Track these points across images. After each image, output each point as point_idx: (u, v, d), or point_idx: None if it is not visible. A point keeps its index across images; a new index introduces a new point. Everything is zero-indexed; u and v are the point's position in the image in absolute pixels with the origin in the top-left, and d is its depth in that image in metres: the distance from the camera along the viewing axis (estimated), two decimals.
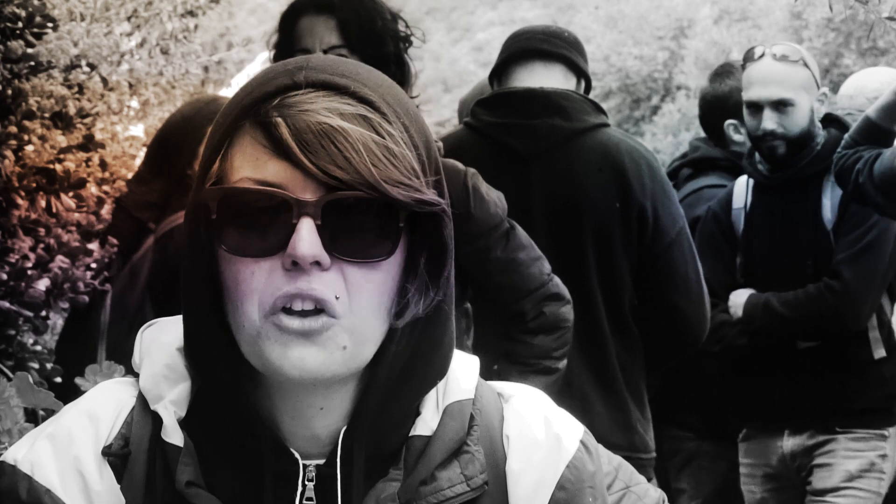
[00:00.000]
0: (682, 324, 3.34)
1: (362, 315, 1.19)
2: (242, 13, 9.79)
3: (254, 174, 1.18)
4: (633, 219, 3.25)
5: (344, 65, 1.24)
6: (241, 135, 1.20)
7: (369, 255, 1.19)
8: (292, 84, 1.20)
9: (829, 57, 12.87)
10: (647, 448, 3.29)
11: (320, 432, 1.24)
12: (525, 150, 3.29)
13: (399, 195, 1.17)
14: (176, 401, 1.26)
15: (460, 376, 1.31)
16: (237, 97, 1.23)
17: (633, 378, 3.30)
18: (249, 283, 1.18)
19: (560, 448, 1.30)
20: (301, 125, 1.16)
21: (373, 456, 1.24)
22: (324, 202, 1.16)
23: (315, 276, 1.17)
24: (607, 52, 15.98)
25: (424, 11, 22.78)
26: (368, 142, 1.17)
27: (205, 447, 1.25)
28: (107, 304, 3.32)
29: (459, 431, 1.28)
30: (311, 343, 1.17)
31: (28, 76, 3.14)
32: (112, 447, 1.25)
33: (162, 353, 1.28)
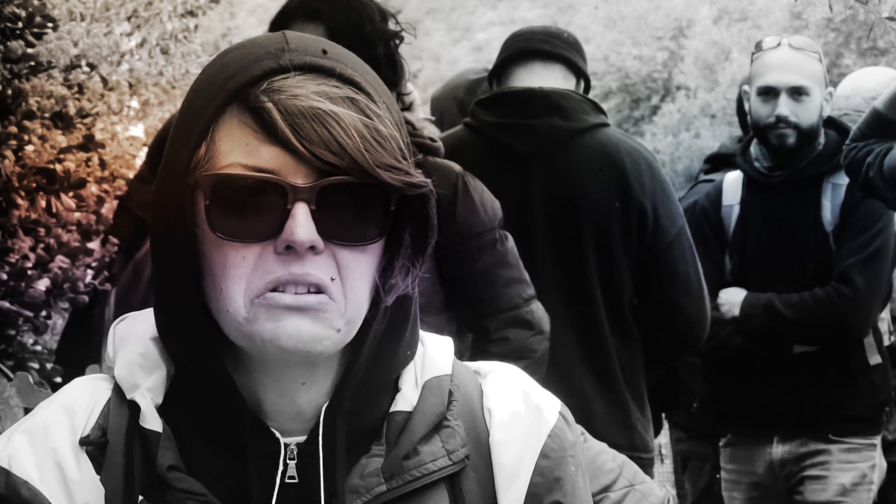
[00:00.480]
0: (682, 323, 3.33)
1: (354, 297, 1.20)
2: (243, 13, 9.80)
3: (245, 159, 1.18)
4: (632, 218, 3.25)
5: (321, 44, 1.24)
6: (227, 119, 1.20)
7: (361, 238, 1.20)
8: (278, 67, 1.19)
9: (829, 57, 12.87)
10: (647, 447, 3.29)
11: (303, 408, 1.25)
12: (525, 150, 3.29)
13: (391, 179, 1.18)
14: (152, 388, 1.26)
15: (436, 354, 1.32)
16: (218, 79, 1.22)
17: (632, 377, 3.30)
18: (239, 267, 1.18)
19: (541, 418, 1.32)
20: (293, 110, 1.17)
21: (353, 432, 1.25)
22: (318, 187, 1.17)
23: (308, 260, 1.17)
24: (607, 52, 15.99)
25: (424, 11, 22.79)
26: (359, 125, 1.17)
27: (183, 432, 1.25)
28: (110, 302, 3.32)
29: (439, 406, 1.29)
30: (306, 316, 1.18)
31: (28, 76, 3.14)
32: (90, 437, 1.25)
33: (136, 342, 1.29)
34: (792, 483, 3.80)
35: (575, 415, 1.38)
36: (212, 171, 1.19)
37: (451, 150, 3.19)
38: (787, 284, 3.79)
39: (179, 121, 1.24)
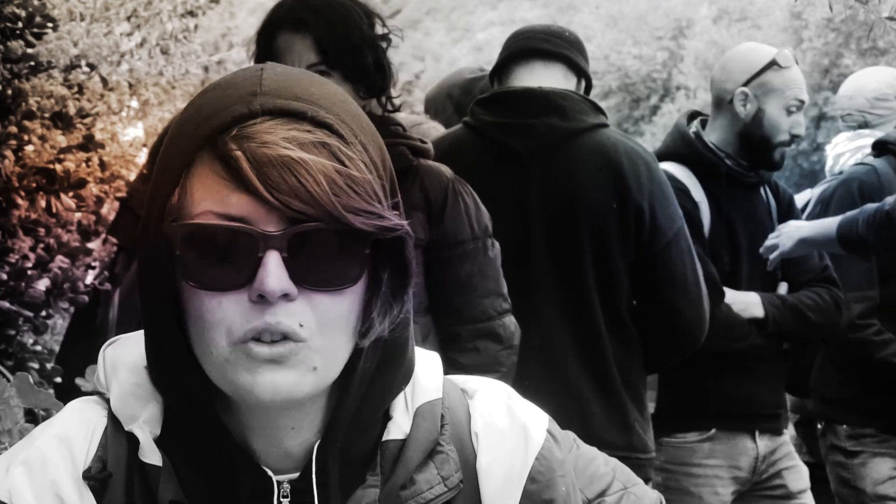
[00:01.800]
0: (680, 325, 3.33)
1: (330, 336, 1.19)
2: (243, 13, 9.79)
3: (216, 207, 1.17)
4: (630, 219, 3.25)
5: (298, 83, 1.22)
6: (199, 165, 1.19)
7: (336, 283, 1.19)
8: (248, 113, 1.18)
9: (829, 57, 12.87)
10: (647, 448, 3.29)
11: (292, 450, 1.25)
12: (523, 150, 3.29)
13: (362, 224, 1.17)
14: (149, 420, 1.26)
15: (426, 377, 1.32)
16: (191, 124, 1.21)
17: (631, 378, 3.30)
18: (216, 314, 1.18)
19: (527, 440, 1.31)
20: (261, 158, 1.15)
21: (346, 464, 1.25)
22: (289, 235, 1.16)
23: (281, 307, 1.17)
24: (607, 52, 15.99)
25: (424, 11, 22.78)
26: (330, 171, 1.16)
27: (180, 466, 1.25)
28: (114, 303, 3.33)
29: (433, 432, 1.28)
30: (281, 367, 1.17)
31: (28, 76, 3.14)
32: (91, 470, 1.24)
33: (129, 372, 1.28)
34: (765, 477, 3.83)
35: (572, 416, 1.38)
36: (183, 221, 1.19)
37: (449, 150, 3.19)
38: (764, 283, 3.83)
39: (159, 162, 1.24)
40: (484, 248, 2.88)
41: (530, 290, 3.22)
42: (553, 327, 3.22)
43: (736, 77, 3.87)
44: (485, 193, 2.98)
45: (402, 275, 1.24)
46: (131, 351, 1.29)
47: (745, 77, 3.86)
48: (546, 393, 3.07)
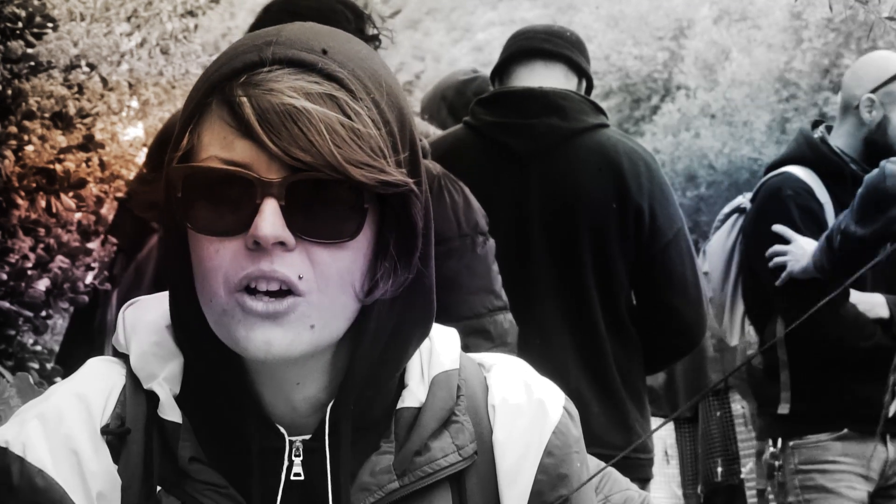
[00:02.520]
0: (680, 325, 3.33)
1: (330, 293, 1.18)
2: (243, 13, 9.79)
3: (221, 153, 1.18)
4: (629, 219, 3.25)
5: (316, 37, 1.22)
6: (209, 111, 1.20)
7: (334, 236, 1.18)
8: (259, 60, 1.18)
9: (829, 57, 12.87)
10: (647, 448, 3.29)
11: (300, 405, 1.24)
12: (523, 150, 3.29)
13: (361, 177, 1.16)
14: (169, 378, 1.25)
15: (443, 348, 1.32)
16: (208, 71, 1.23)
17: (630, 378, 3.30)
18: (214, 261, 1.18)
19: (545, 415, 1.31)
20: (265, 105, 1.16)
21: (359, 428, 1.24)
22: (287, 183, 1.16)
23: (278, 256, 1.16)
24: (608, 52, 15.98)
25: (424, 11, 22.78)
26: (333, 122, 1.16)
27: (198, 424, 1.25)
28: (113, 302, 3.33)
29: (448, 401, 1.28)
30: (277, 325, 1.17)
31: (28, 76, 3.14)
32: (110, 426, 1.24)
33: (149, 331, 1.28)
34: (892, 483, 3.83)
35: None
36: (187, 164, 1.19)
37: (449, 149, 3.19)
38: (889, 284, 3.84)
39: (180, 114, 1.24)
40: (472, 245, 2.86)
41: (530, 289, 3.22)
42: (553, 327, 3.23)
43: (865, 83, 3.88)
44: (485, 193, 2.97)
45: (410, 236, 1.22)
46: (151, 311, 1.29)
47: (873, 84, 3.88)
48: None
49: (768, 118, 13.48)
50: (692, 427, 5.73)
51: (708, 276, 4.07)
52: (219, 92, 1.19)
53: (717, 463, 5.51)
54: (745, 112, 13.75)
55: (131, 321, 1.30)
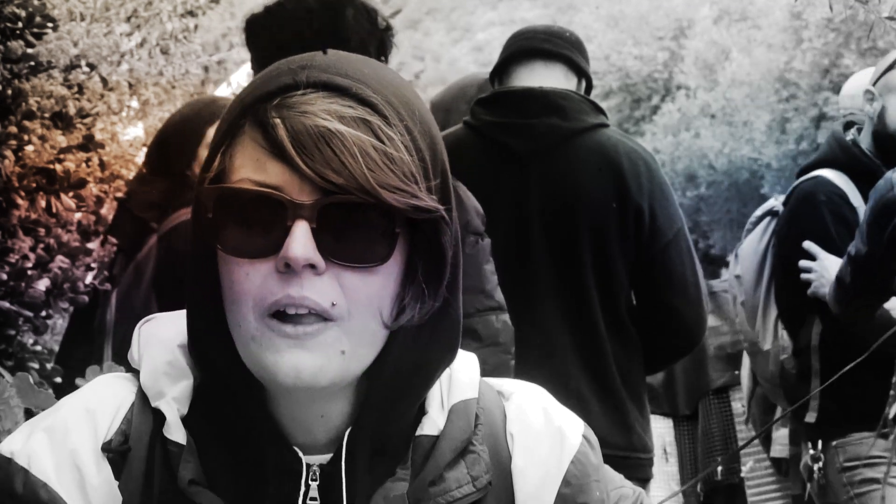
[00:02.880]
0: (679, 325, 3.33)
1: (361, 319, 1.18)
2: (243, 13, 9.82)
3: (254, 175, 1.17)
4: (629, 219, 3.25)
5: (350, 63, 1.22)
6: (242, 133, 1.19)
7: (364, 260, 1.17)
8: (293, 84, 1.18)
9: (829, 57, 12.86)
10: (646, 448, 3.29)
11: (321, 436, 1.24)
12: (523, 150, 3.29)
13: (394, 200, 1.16)
14: (178, 398, 1.25)
15: (462, 375, 1.31)
16: (242, 93, 1.23)
17: (630, 377, 3.30)
18: (244, 284, 1.17)
19: (563, 443, 1.31)
20: (298, 127, 1.15)
21: (377, 453, 1.24)
22: (319, 205, 1.15)
23: (308, 280, 1.15)
24: (608, 52, 15.99)
25: (424, 11, 22.79)
26: (366, 146, 1.15)
27: (206, 445, 1.24)
28: (112, 303, 3.33)
29: (466, 431, 1.28)
30: (306, 349, 1.16)
31: (28, 76, 3.14)
32: (112, 443, 1.24)
33: (162, 349, 1.28)
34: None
35: None
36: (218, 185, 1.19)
37: (449, 149, 3.17)
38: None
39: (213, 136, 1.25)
40: (462, 244, 2.85)
41: (530, 290, 3.22)
42: (552, 327, 3.23)
43: (871, 78, 3.89)
44: (485, 193, 2.97)
45: (439, 264, 1.22)
46: (167, 329, 1.29)
47: (874, 77, 3.89)
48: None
49: (768, 118, 13.48)
50: (691, 425, 5.71)
51: (740, 279, 4.05)
52: (252, 114, 1.19)
53: (718, 461, 5.50)
54: (745, 112, 13.76)
55: (146, 337, 1.30)
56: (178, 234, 3.30)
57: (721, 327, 5.45)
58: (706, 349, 5.46)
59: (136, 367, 1.30)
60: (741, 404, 5.50)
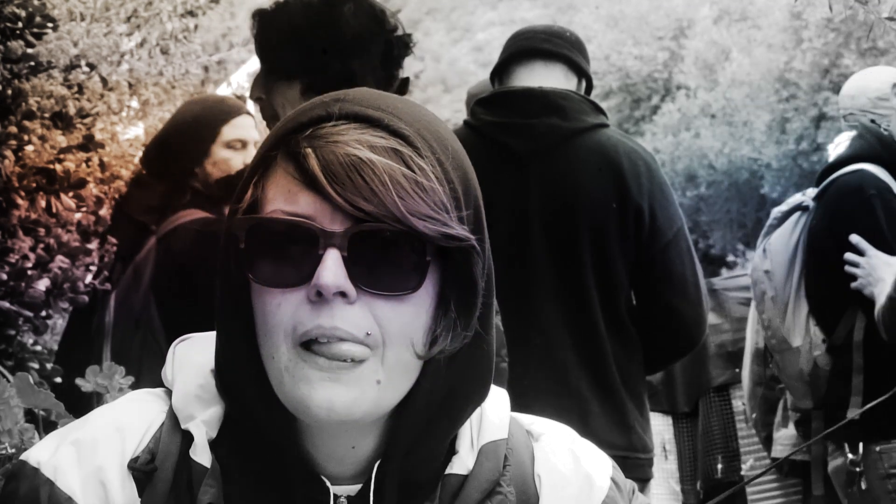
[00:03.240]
0: (679, 325, 3.33)
1: (395, 348, 1.18)
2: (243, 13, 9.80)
3: (285, 206, 1.17)
4: (629, 219, 3.25)
5: (382, 98, 1.23)
6: (274, 165, 1.20)
7: (396, 289, 1.17)
8: (325, 115, 1.19)
9: (828, 57, 12.87)
10: (646, 448, 3.29)
11: (351, 468, 1.24)
12: (523, 150, 3.29)
13: (425, 229, 1.16)
14: (208, 421, 1.25)
15: (493, 415, 1.31)
16: (275, 128, 1.24)
17: (630, 378, 3.30)
18: (276, 315, 1.17)
19: (591, 487, 1.31)
20: (329, 157, 1.16)
21: (405, 488, 1.24)
22: (350, 234, 1.15)
23: (339, 309, 1.16)
24: (608, 52, 15.99)
25: (424, 11, 22.79)
26: (396, 174, 1.16)
27: (231, 471, 1.24)
28: (111, 304, 3.33)
29: (494, 472, 1.28)
30: (340, 383, 1.16)
31: (28, 76, 3.14)
32: (138, 461, 1.24)
33: (195, 372, 1.28)
34: None
35: (572, 416, 1.39)
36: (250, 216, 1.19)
37: None
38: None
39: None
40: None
41: (530, 289, 3.22)
42: (552, 327, 3.22)
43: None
44: (484, 193, 2.96)
45: (470, 294, 1.22)
46: (202, 352, 1.29)
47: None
48: (545, 393, 3.08)
49: (768, 118, 13.48)
50: (691, 422, 5.70)
51: (770, 274, 3.98)
52: (284, 145, 1.19)
53: (718, 460, 5.49)
54: (745, 112, 13.76)
55: (180, 358, 1.30)
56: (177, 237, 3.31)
57: (722, 325, 5.44)
58: (707, 347, 5.44)
59: (168, 386, 1.30)
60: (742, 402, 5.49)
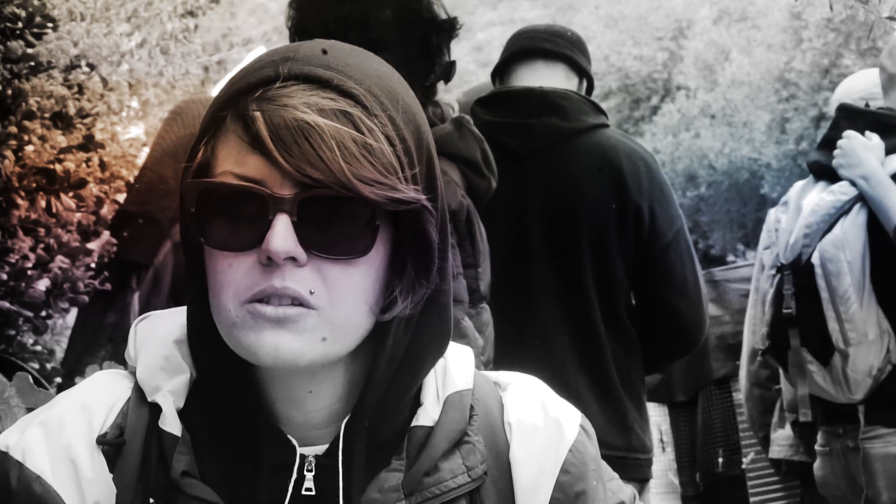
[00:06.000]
0: (679, 326, 3.33)
1: (343, 309, 1.19)
2: (243, 13, 9.77)
3: (235, 168, 1.18)
4: (629, 219, 3.25)
5: (332, 55, 1.22)
6: (224, 126, 1.20)
7: (346, 252, 1.19)
8: (274, 76, 1.19)
9: (828, 57, 12.86)
10: (645, 448, 3.29)
11: (314, 416, 1.25)
12: (522, 150, 3.29)
13: (371, 193, 1.17)
14: (174, 391, 1.26)
15: (457, 367, 1.32)
16: (225, 86, 1.24)
17: (629, 378, 3.30)
18: (227, 275, 1.19)
19: (561, 433, 1.32)
20: (277, 121, 1.16)
21: (371, 445, 1.25)
22: (299, 199, 1.17)
23: (289, 272, 1.17)
24: (607, 52, 15.98)
25: None
26: (345, 138, 1.16)
27: (202, 438, 1.25)
28: (135, 307, 3.34)
29: (461, 422, 1.29)
30: (286, 330, 1.17)
31: (28, 76, 3.14)
32: (107, 436, 1.25)
33: (158, 344, 1.29)
34: None
35: None
36: (200, 179, 1.20)
37: None
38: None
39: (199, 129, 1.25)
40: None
41: (529, 289, 3.22)
42: (552, 327, 3.23)
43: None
44: None
45: (426, 252, 1.23)
46: (163, 325, 1.30)
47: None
48: None
49: (768, 118, 13.47)
50: (688, 412, 5.68)
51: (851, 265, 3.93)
52: (233, 106, 1.20)
53: (719, 453, 5.47)
54: (745, 112, 13.74)
55: (142, 335, 1.31)
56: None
57: (723, 317, 5.41)
58: (708, 339, 5.42)
59: (132, 363, 1.31)
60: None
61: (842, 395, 3.93)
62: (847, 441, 3.97)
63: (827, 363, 3.88)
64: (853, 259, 3.86)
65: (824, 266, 3.88)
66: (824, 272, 3.87)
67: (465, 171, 2.79)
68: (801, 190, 4.10)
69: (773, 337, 4.03)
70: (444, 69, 2.76)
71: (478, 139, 2.75)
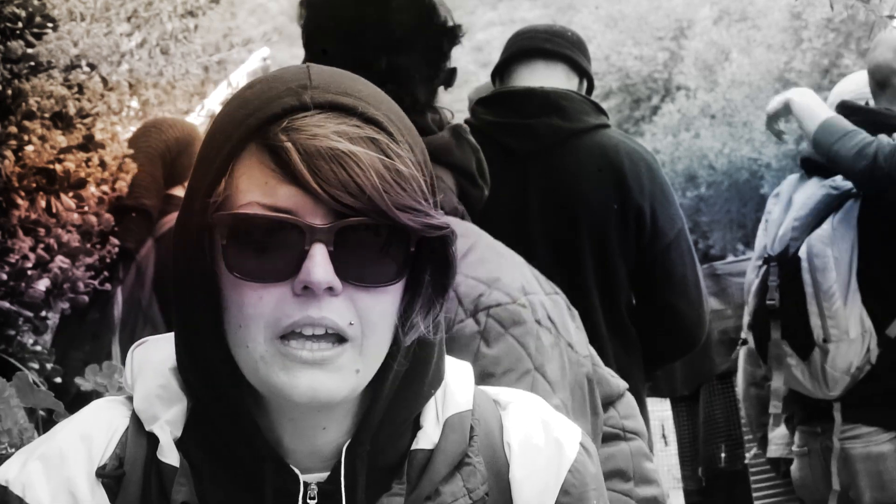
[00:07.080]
0: (680, 326, 3.33)
1: (374, 337, 1.19)
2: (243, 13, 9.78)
3: (263, 199, 1.17)
4: (630, 220, 3.25)
5: (343, 80, 1.22)
6: (247, 156, 1.19)
7: (379, 280, 1.19)
8: (299, 105, 1.18)
9: (828, 57, 12.86)
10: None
11: (322, 448, 1.25)
12: (522, 150, 3.29)
13: (410, 221, 1.17)
14: (172, 421, 1.26)
15: (457, 387, 1.32)
16: (238, 115, 1.21)
17: (630, 378, 3.29)
18: (256, 308, 1.17)
19: (561, 453, 1.32)
20: (311, 150, 1.15)
21: (374, 469, 1.25)
22: (336, 228, 1.16)
23: (325, 302, 1.16)
24: (607, 52, 15.98)
25: None
26: (378, 166, 1.16)
27: (201, 467, 1.24)
28: (118, 299, 3.35)
29: (461, 444, 1.29)
30: (323, 370, 1.17)
31: (28, 76, 3.14)
32: (106, 468, 1.24)
33: (155, 373, 1.28)
34: None
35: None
36: (229, 211, 1.18)
37: None
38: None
39: (199, 157, 1.23)
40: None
41: None
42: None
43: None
44: None
45: (444, 274, 1.23)
46: (159, 352, 1.29)
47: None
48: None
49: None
50: (690, 406, 5.67)
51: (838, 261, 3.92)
52: (258, 136, 1.18)
53: (721, 448, 5.46)
54: (745, 112, 13.75)
55: (139, 362, 1.30)
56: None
57: (725, 311, 5.40)
58: (710, 333, 5.41)
59: (129, 391, 1.30)
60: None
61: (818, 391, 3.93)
62: (826, 441, 3.96)
63: (806, 357, 3.88)
64: (840, 256, 3.86)
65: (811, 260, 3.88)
66: (810, 266, 3.88)
67: (460, 178, 2.79)
68: (794, 183, 4.10)
69: (755, 328, 4.02)
70: (447, 74, 2.77)
71: (474, 149, 2.75)
